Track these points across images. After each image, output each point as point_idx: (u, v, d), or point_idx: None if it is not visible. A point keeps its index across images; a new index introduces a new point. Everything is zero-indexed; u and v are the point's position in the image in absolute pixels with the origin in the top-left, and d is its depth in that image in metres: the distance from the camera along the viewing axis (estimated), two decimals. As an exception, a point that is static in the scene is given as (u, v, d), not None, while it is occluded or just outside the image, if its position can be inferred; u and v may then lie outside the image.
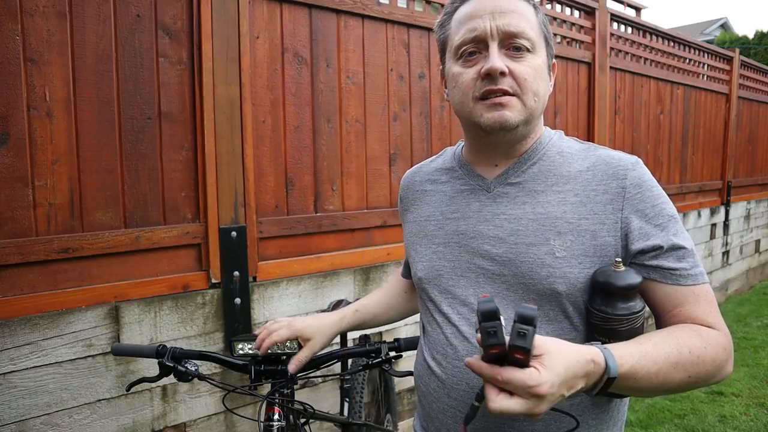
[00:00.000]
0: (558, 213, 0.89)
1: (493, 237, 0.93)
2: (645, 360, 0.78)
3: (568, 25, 3.57)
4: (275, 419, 1.24)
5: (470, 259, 0.95)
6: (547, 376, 0.68)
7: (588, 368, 0.74)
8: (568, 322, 0.89)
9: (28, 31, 1.60)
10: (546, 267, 0.87)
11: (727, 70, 5.42)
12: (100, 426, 1.76)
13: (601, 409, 0.92)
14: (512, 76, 0.87)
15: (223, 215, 1.99)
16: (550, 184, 0.92)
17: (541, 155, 0.96)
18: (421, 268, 1.02)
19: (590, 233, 0.87)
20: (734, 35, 19.43)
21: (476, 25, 0.89)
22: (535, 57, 0.90)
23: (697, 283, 0.87)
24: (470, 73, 0.90)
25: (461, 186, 1.01)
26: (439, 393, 0.97)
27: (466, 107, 0.92)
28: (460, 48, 0.91)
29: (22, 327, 1.61)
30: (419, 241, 1.05)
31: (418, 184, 1.11)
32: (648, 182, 0.89)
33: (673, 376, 0.80)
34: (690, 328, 0.85)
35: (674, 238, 0.87)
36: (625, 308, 0.83)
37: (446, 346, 0.96)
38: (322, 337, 1.21)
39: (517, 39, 0.88)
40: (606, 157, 0.92)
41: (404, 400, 2.69)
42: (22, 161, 1.61)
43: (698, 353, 0.82)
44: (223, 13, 1.95)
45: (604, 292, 0.84)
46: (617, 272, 0.83)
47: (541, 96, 0.91)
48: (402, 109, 2.59)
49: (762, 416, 3.09)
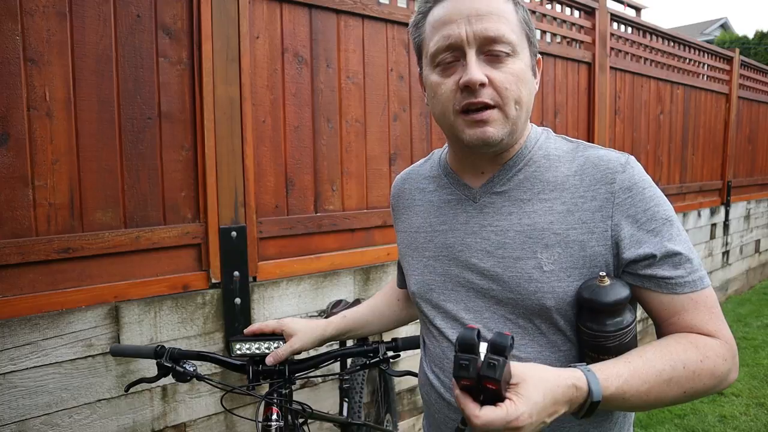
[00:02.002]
0: (545, 224, 0.86)
1: (481, 250, 0.90)
2: (634, 380, 0.75)
3: (568, 25, 3.57)
4: (273, 419, 1.24)
5: (459, 273, 0.93)
6: (523, 406, 0.67)
7: (569, 393, 0.72)
8: (561, 335, 0.87)
9: (28, 31, 1.60)
10: (534, 282, 0.85)
11: (727, 70, 5.42)
12: (100, 426, 1.76)
13: (603, 417, 0.89)
14: (492, 85, 0.82)
15: (223, 215, 1.99)
16: (537, 192, 0.89)
17: (527, 160, 0.91)
18: (414, 282, 1.01)
19: (578, 244, 0.84)
20: (734, 35, 19.42)
21: (451, 32, 0.83)
22: (516, 61, 0.84)
23: (695, 290, 0.82)
24: (449, 83, 0.85)
25: (448, 195, 0.98)
26: (440, 404, 0.97)
27: (447, 120, 0.87)
28: (436, 56, 0.86)
29: (22, 327, 1.61)
30: (411, 253, 1.03)
31: (407, 193, 1.08)
32: (639, 184, 0.84)
33: (666, 393, 0.78)
34: (687, 339, 0.81)
35: (668, 243, 0.82)
36: (612, 324, 0.79)
37: (443, 360, 0.96)
38: (305, 336, 1.20)
39: (496, 45, 0.82)
40: (594, 158, 0.87)
41: (404, 400, 2.69)
42: (22, 161, 1.61)
43: (693, 368, 0.78)
44: (223, 13, 1.95)
45: (590, 309, 0.81)
46: (602, 287, 0.79)
47: (524, 103, 0.86)
48: (402, 109, 2.60)
49: (762, 416, 3.10)
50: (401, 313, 1.29)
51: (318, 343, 1.22)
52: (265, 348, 1.24)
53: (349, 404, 2.03)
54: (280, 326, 1.23)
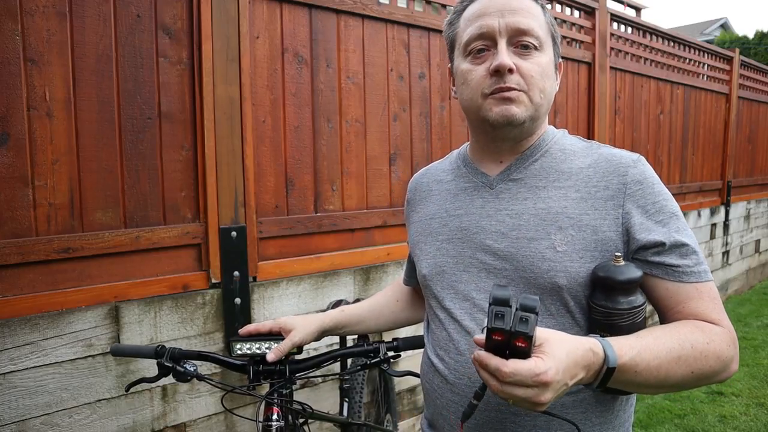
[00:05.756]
0: (559, 208, 0.90)
1: (495, 232, 0.94)
2: (645, 353, 0.78)
3: (568, 25, 3.57)
4: (274, 419, 1.24)
5: (473, 254, 0.96)
6: (550, 362, 0.68)
7: (587, 357, 0.73)
8: (570, 317, 0.89)
9: (28, 31, 1.60)
10: (547, 261, 0.88)
11: (727, 70, 5.42)
12: (100, 426, 1.76)
13: (605, 407, 0.91)
14: (519, 73, 0.88)
15: (223, 215, 1.99)
16: (552, 180, 0.93)
17: (544, 152, 0.96)
18: (426, 266, 1.03)
19: (591, 228, 0.88)
20: (734, 35, 19.43)
21: (485, 22, 0.90)
22: (542, 55, 0.91)
23: (701, 281, 0.86)
24: (480, 70, 0.91)
25: (465, 183, 1.02)
26: (443, 389, 0.97)
27: (475, 103, 0.92)
28: (469, 45, 0.92)
29: (22, 327, 1.61)
30: (424, 239, 1.06)
31: (425, 185, 1.12)
32: (649, 179, 0.89)
33: (675, 371, 0.80)
34: (693, 323, 0.85)
35: (676, 234, 0.86)
36: (626, 302, 0.83)
37: (448, 342, 0.97)
38: (303, 329, 1.21)
39: (525, 37, 0.89)
40: (608, 154, 0.93)
41: (404, 400, 2.69)
42: (22, 161, 1.61)
43: (701, 348, 0.81)
44: (223, 13, 1.95)
45: (605, 286, 0.84)
46: (617, 267, 0.83)
47: (547, 93, 0.92)
48: (402, 109, 2.60)
49: (762, 416, 3.10)
50: (399, 314, 1.30)
51: (317, 334, 1.22)
52: (265, 348, 1.24)
53: (350, 404, 2.03)
54: (277, 325, 1.23)
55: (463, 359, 0.93)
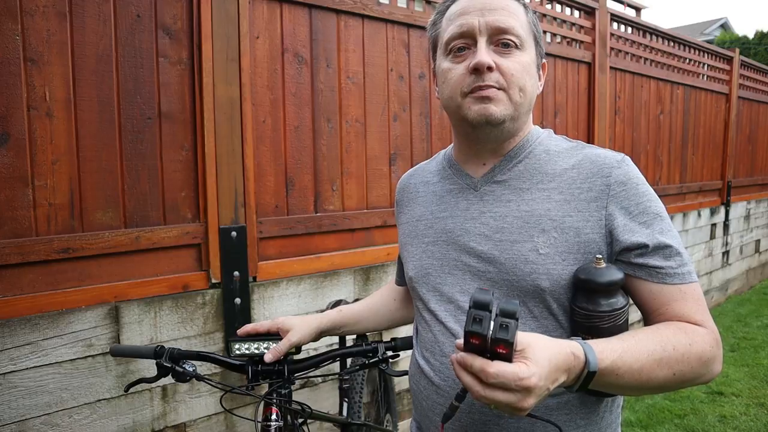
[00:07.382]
0: (542, 210, 0.90)
1: (479, 234, 0.94)
2: (627, 356, 0.77)
3: (568, 25, 3.57)
4: (273, 419, 1.24)
5: (457, 256, 0.96)
6: (534, 368, 0.68)
7: (569, 361, 0.73)
8: (553, 319, 0.89)
9: (28, 31, 1.60)
10: (529, 263, 0.88)
11: (727, 70, 5.42)
12: (100, 426, 1.76)
13: (590, 409, 0.90)
14: (499, 71, 0.88)
15: (223, 215, 1.99)
16: (536, 182, 0.93)
17: (528, 153, 0.96)
18: (412, 268, 1.04)
19: (574, 230, 0.87)
20: (734, 35, 19.43)
21: (465, 21, 0.90)
22: (522, 54, 0.91)
23: (685, 282, 0.86)
24: (459, 68, 0.91)
25: (450, 185, 1.03)
26: (429, 391, 0.97)
27: (454, 102, 0.92)
28: (449, 43, 0.92)
29: (22, 327, 1.61)
30: (410, 241, 1.06)
31: (413, 187, 1.12)
32: (633, 180, 0.89)
33: (657, 373, 0.80)
34: (675, 325, 0.84)
35: (660, 236, 0.86)
36: (607, 305, 0.82)
37: (434, 344, 0.97)
38: (301, 329, 1.20)
39: (505, 35, 0.89)
40: (592, 155, 0.92)
41: (404, 400, 2.69)
42: (22, 161, 1.62)
43: (683, 350, 0.81)
44: (223, 13, 1.95)
45: (586, 289, 0.83)
46: (598, 269, 0.82)
47: (527, 92, 0.91)
48: (402, 109, 2.60)
49: (762, 416, 3.10)
50: (397, 313, 1.30)
51: (315, 335, 1.22)
52: (263, 348, 1.24)
53: (349, 404, 2.03)
54: (275, 325, 1.22)
55: (449, 361, 0.93)
